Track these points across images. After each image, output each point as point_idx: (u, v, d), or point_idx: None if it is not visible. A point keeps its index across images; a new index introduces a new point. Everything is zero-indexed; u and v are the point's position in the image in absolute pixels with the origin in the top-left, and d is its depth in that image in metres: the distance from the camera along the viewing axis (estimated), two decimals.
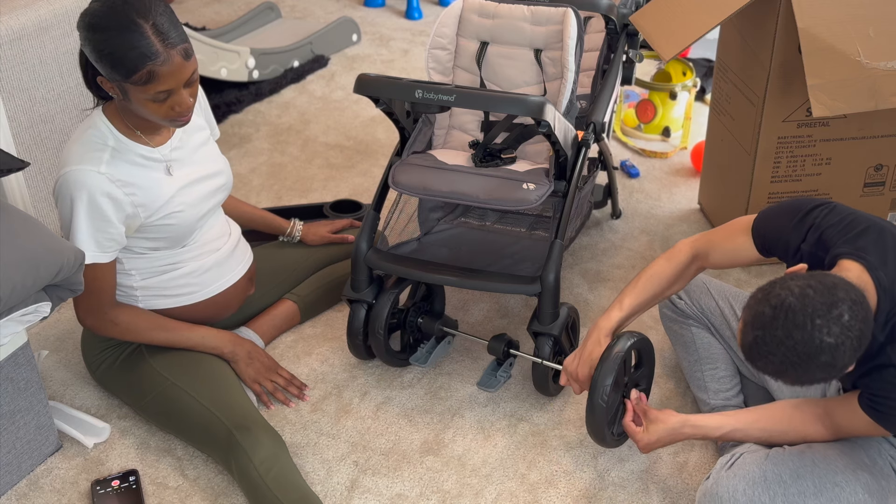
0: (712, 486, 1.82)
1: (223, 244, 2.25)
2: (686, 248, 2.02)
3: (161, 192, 2.04)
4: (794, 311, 1.52)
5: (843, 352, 1.52)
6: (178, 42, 1.87)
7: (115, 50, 1.83)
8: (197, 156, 2.13)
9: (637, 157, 3.33)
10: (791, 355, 1.53)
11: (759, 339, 1.56)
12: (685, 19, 2.37)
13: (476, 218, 2.61)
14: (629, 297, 2.01)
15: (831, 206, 1.80)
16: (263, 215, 2.56)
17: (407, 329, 2.35)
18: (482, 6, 2.38)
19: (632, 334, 1.99)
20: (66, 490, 2.07)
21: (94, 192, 1.95)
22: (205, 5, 4.67)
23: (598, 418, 1.93)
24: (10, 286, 1.80)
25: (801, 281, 1.55)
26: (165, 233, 2.08)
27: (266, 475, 1.95)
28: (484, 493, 2.05)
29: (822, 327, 1.51)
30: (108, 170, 1.97)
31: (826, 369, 1.54)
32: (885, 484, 1.80)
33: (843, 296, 1.53)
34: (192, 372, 2.14)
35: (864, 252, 1.68)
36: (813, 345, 1.52)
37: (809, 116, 2.49)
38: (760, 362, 1.58)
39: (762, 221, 1.89)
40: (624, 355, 1.94)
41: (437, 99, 2.01)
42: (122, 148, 2.00)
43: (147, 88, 1.87)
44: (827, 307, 1.51)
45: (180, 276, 2.16)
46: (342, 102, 3.74)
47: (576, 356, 2.02)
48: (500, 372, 2.31)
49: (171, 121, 1.95)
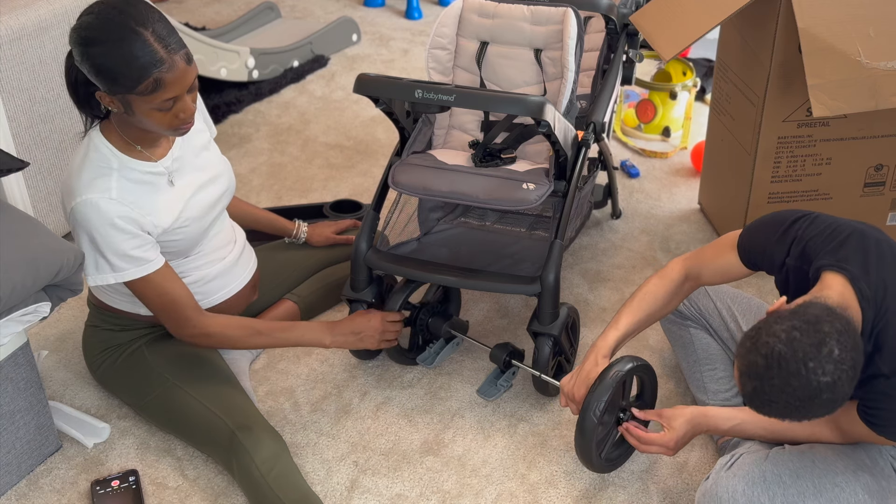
0: (712, 486, 1.82)
1: (229, 252, 2.24)
2: (678, 268, 2.01)
3: (169, 212, 2.01)
4: (786, 358, 1.52)
5: (842, 385, 1.53)
6: (178, 48, 1.84)
7: (117, 61, 1.79)
8: (199, 160, 2.12)
9: (637, 157, 3.33)
10: (792, 401, 1.54)
11: (759, 389, 1.56)
12: (685, 19, 2.37)
13: (476, 218, 2.61)
14: (625, 316, 1.99)
15: (812, 216, 1.79)
16: (268, 216, 2.55)
17: (417, 327, 2.36)
18: (482, 6, 2.38)
19: (633, 358, 1.94)
20: (66, 490, 2.07)
21: (110, 217, 1.91)
22: (205, 5, 4.67)
23: (587, 437, 1.87)
24: (10, 286, 1.80)
25: (786, 324, 1.55)
26: (173, 247, 2.06)
27: (268, 475, 1.95)
28: (484, 494, 2.05)
29: (815, 369, 1.51)
30: (119, 195, 1.93)
31: (828, 405, 1.55)
32: (886, 484, 1.80)
33: (829, 329, 1.53)
34: (192, 372, 2.14)
35: (846, 263, 1.67)
36: (811, 388, 1.52)
37: (809, 116, 2.49)
38: (764, 409, 1.59)
39: (746, 237, 1.89)
40: (623, 377, 1.89)
41: (436, 99, 2.01)
42: (126, 169, 1.96)
43: (153, 98, 1.83)
44: (816, 347, 1.52)
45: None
46: (342, 102, 3.74)
47: (573, 376, 1.99)
48: (501, 381, 2.29)
49: (175, 130, 1.92)
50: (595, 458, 1.93)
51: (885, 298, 1.66)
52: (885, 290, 1.66)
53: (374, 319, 2.22)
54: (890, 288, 1.66)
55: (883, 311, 1.66)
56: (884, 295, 1.66)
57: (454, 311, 2.43)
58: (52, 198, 2.74)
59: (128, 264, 1.96)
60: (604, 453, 1.96)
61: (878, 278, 1.67)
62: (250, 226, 2.49)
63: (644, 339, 2.47)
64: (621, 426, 1.96)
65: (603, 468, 1.99)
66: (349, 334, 2.20)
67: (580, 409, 1.90)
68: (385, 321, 2.22)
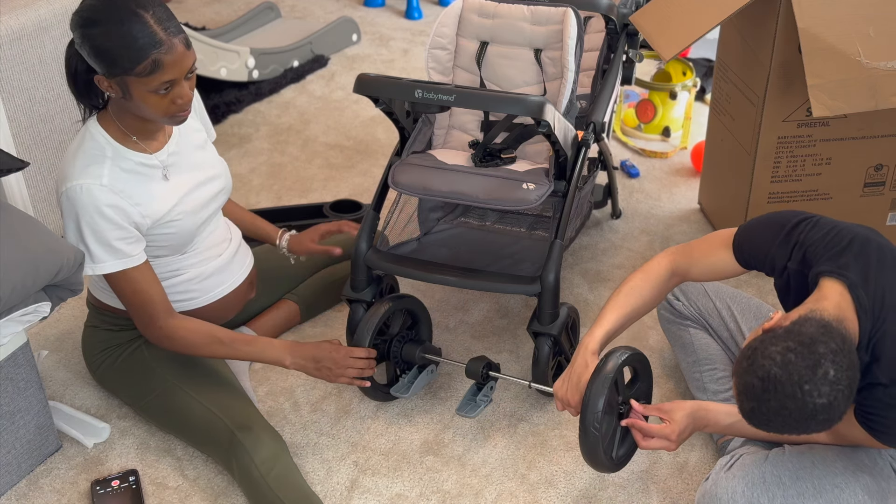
0: (711, 487, 1.82)
1: (224, 249, 2.24)
2: (664, 263, 1.97)
3: (162, 203, 2.02)
4: (782, 382, 1.52)
5: (838, 405, 1.54)
6: (177, 32, 1.87)
7: (117, 42, 1.82)
8: (194, 159, 2.12)
9: (637, 157, 3.33)
10: (789, 421, 1.55)
11: (756, 410, 1.57)
12: (685, 19, 2.37)
13: (476, 218, 2.61)
14: (610, 312, 1.94)
15: (814, 220, 1.77)
16: (253, 221, 2.44)
17: (391, 360, 2.25)
18: (482, 6, 2.38)
19: (622, 351, 1.88)
20: (66, 490, 2.07)
21: (99, 204, 1.93)
22: (205, 5, 4.67)
23: (592, 445, 1.84)
24: (10, 286, 1.80)
25: (781, 345, 1.54)
26: (166, 241, 2.07)
27: (267, 475, 1.95)
28: (484, 493, 2.05)
29: (811, 392, 1.51)
30: (110, 182, 1.95)
31: (825, 423, 1.56)
32: (886, 485, 1.80)
33: (824, 350, 1.52)
34: (192, 372, 2.14)
35: (845, 270, 1.66)
36: (807, 409, 1.53)
37: (809, 116, 2.49)
38: (763, 427, 1.60)
39: (743, 236, 1.86)
40: (614, 376, 1.84)
41: (436, 99, 2.01)
42: (120, 157, 1.98)
43: (151, 80, 1.86)
44: (811, 370, 1.51)
45: (181, 283, 2.15)
46: (342, 102, 3.74)
47: (564, 380, 1.93)
48: (480, 396, 2.18)
49: (171, 117, 1.94)
50: (606, 460, 1.88)
51: (882, 308, 1.64)
52: (884, 299, 1.65)
53: (338, 352, 2.11)
54: (888, 297, 1.65)
55: (881, 322, 1.64)
56: (882, 304, 1.64)
57: (426, 336, 2.33)
58: (52, 198, 2.74)
59: (108, 256, 1.97)
60: (613, 453, 1.93)
61: (877, 286, 1.65)
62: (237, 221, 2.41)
63: (644, 339, 2.47)
64: (625, 420, 1.92)
65: (614, 467, 1.95)
66: (309, 359, 2.10)
67: (579, 420, 1.86)
68: (349, 357, 2.11)
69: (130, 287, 2.02)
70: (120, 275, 2.00)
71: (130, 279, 2.01)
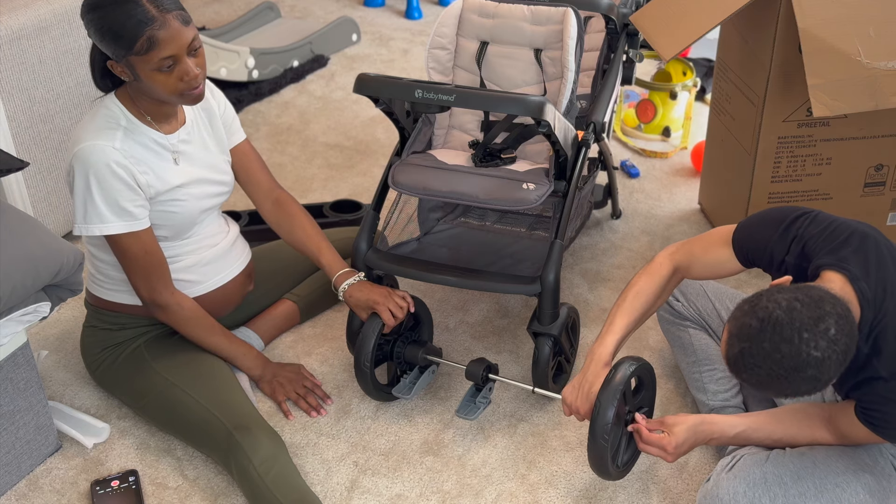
0: (713, 487, 1.82)
1: (221, 240, 2.26)
2: (666, 262, 1.99)
3: (168, 178, 2.07)
4: (782, 324, 1.52)
5: (829, 366, 1.53)
6: (172, 7, 1.91)
7: (114, 23, 1.87)
8: (209, 159, 2.16)
9: (637, 157, 3.33)
10: (777, 368, 1.53)
11: (746, 351, 1.55)
12: (685, 19, 2.37)
13: (476, 218, 2.61)
14: (620, 317, 1.95)
15: (813, 214, 1.78)
16: (318, 248, 2.27)
17: (394, 360, 2.26)
18: (482, 6, 2.38)
19: (630, 362, 1.90)
20: (66, 490, 2.07)
21: (109, 162, 1.97)
22: (205, 5, 4.67)
23: (600, 454, 1.85)
24: (10, 286, 1.80)
25: (789, 294, 1.55)
26: (168, 220, 2.10)
27: (266, 475, 1.95)
28: (484, 494, 2.05)
29: (809, 341, 1.51)
30: (122, 146, 2.00)
31: (811, 382, 1.54)
32: (887, 484, 1.80)
33: (830, 309, 1.53)
34: (191, 372, 2.14)
35: (846, 263, 1.67)
36: (800, 358, 1.52)
37: (810, 116, 2.49)
38: (745, 374, 1.57)
39: (743, 232, 1.87)
40: (623, 388, 1.86)
41: (436, 99, 2.01)
42: (134, 129, 2.03)
43: (150, 57, 1.89)
44: (814, 321, 1.51)
45: (180, 270, 2.17)
46: (342, 102, 3.74)
47: (575, 388, 1.93)
48: (479, 398, 2.18)
49: (181, 95, 1.97)
50: (612, 468, 1.90)
51: (884, 301, 1.65)
52: (885, 292, 1.66)
53: (299, 382, 2.27)
54: (889, 290, 1.66)
55: (882, 314, 1.65)
56: (883, 297, 1.65)
57: (427, 337, 2.34)
58: (52, 198, 2.74)
59: (116, 217, 2.01)
60: (618, 461, 1.94)
61: (877, 280, 1.66)
62: (299, 250, 2.33)
63: (644, 339, 2.47)
64: (630, 426, 1.93)
65: (619, 475, 1.96)
66: (272, 379, 2.27)
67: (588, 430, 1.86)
68: (308, 388, 2.26)
69: (142, 248, 2.05)
70: (130, 237, 2.03)
71: (141, 240, 2.05)
